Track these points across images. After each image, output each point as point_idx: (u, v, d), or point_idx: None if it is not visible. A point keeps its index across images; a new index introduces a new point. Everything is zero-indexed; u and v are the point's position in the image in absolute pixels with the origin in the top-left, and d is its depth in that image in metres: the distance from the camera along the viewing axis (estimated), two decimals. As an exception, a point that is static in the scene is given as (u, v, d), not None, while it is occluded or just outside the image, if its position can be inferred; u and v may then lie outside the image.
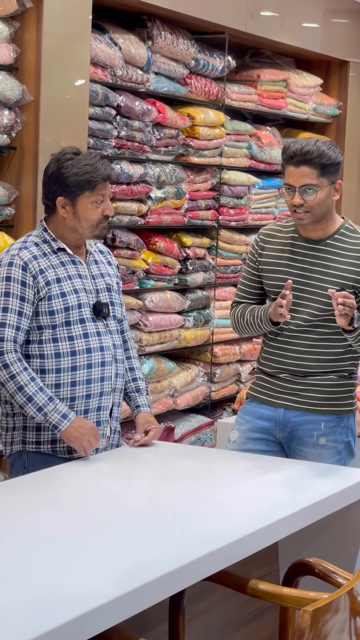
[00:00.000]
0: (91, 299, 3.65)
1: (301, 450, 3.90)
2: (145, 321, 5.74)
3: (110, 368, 3.64)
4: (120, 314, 3.77)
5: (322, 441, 3.88)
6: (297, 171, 3.76)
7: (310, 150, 3.74)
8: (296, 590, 2.83)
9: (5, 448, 3.67)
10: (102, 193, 3.60)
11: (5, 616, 2.25)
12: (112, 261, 3.84)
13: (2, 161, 4.86)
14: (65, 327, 3.58)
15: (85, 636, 2.29)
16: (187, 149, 6.07)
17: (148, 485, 3.37)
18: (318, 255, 3.87)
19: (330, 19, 7.40)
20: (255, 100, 6.75)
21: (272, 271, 3.93)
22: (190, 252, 6.16)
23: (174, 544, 2.76)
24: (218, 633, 3.29)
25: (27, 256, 3.56)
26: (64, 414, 3.49)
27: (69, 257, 3.65)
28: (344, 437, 3.92)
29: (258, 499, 3.22)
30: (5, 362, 3.47)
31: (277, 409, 3.92)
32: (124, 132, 5.44)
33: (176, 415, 6.24)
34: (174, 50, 5.80)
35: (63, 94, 4.92)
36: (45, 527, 2.86)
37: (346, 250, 3.86)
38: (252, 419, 3.97)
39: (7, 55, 4.65)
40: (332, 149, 3.80)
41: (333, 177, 3.81)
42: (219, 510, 3.09)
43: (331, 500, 3.29)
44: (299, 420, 3.89)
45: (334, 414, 3.89)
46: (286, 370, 3.91)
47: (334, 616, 2.39)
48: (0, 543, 2.72)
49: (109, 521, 2.94)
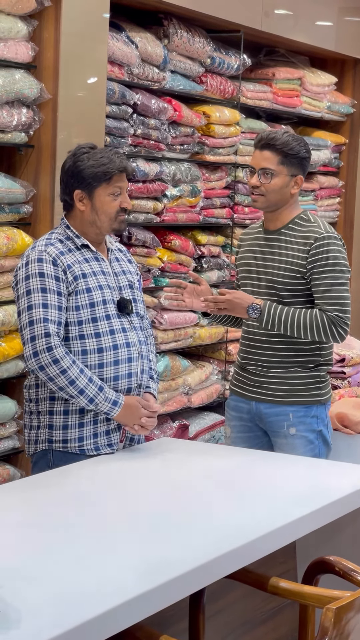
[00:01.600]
0: (115, 296, 3.66)
1: (275, 442, 4.06)
2: (160, 319, 5.75)
3: (137, 364, 3.65)
4: (142, 311, 3.79)
5: (292, 431, 4.01)
6: (260, 154, 3.98)
7: (275, 137, 3.97)
8: (317, 588, 2.84)
9: (28, 446, 3.66)
10: (119, 185, 3.61)
11: (33, 613, 2.27)
12: (132, 259, 3.87)
13: (20, 159, 4.87)
14: (92, 324, 3.58)
15: (110, 632, 2.31)
16: (203, 147, 6.07)
17: (168, 483, 3.37)
18: (271, 244, 4.05)
19: (344, 17, 7.40)
20: (270, 99, 6.75)
21: (241, 265, 4.16)
22: (205, 250, 6.17)
23: (196, 542, 2.77)
24: (237, 630, 3.30)
25: (54, 252, 3.57)
26: (114, 401, 3.54)
27: (92, 253, 3.66)
28: (315, 426, 4.01)
29: (278, 497, 3.23)
30: (55, 357, 3.47)
31: (251, 402, 4.09)
32: (140, 130, 5.45)
33: (190, 413, 6.24)
34: (190, 48, 5.81)
35: (80, 92, 4.93)
36: (68, 525, 2.88)
37: (295, 237, 4.01)
38: (236, 414, 4.18)
39: (25, 53, 4.66)
40: (299, 143, 3.99)
41: (294, 170, 3.97)
42: (238, 508, 3.10)
43: (350, 498, 3.30)
44: (270, 412, 4.05)
45: (301, 404, 3.98)
46: (254, 363, 4.06)
47: (357, 614, 2.40)
48: (24, 540, 2.74)
49: (130, 519, 2.95)
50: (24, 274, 3.55)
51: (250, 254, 4.11)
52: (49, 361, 3.46)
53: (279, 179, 3.95)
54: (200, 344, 6.22)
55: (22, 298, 3.54)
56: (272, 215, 4.06)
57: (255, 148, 4.00)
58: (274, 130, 4.04)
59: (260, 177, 3.95)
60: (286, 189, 3.97)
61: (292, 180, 3.97)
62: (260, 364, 4.04)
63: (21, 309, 3.54)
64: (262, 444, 4.10)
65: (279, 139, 3.94)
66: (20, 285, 3.55)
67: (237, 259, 4.19)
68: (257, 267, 4.05)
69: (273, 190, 3.96)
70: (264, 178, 3.94)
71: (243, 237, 4.22)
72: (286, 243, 4.00)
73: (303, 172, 4.01)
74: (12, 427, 4.65)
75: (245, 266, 4.12)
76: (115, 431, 3.61)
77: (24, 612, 2.26)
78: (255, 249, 4.10)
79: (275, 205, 4.00)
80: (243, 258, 4.15)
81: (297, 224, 4.02)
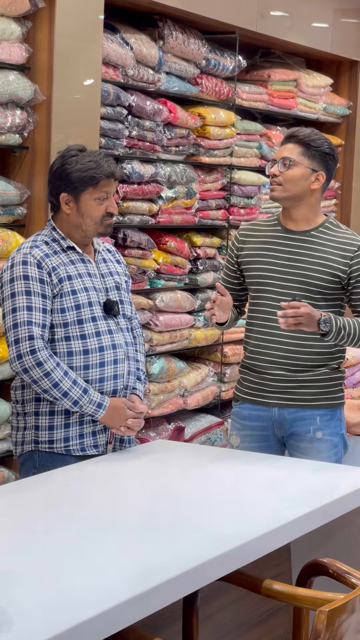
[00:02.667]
0: (101, 297, 3.66)
1: (298, 446, 3.94)
2: (155, 321, 5.74)
3: (123, 366, 3.65)
4: (130, 312, 3.77)
5: (319, 435, 3.92)
6: (284, 147, 3.94)
7: (299, 130, 3.94)
8: (311, 590, 2.83)
9: (15, 448, 3.67)
10: (105, 190, 3.60)
11: (22, 616, 2.25)
12: (121, 260, 3.85)
13: (14, 161, 4.86)
14: (78, 326, 3.58)
15: (102, 635, 2.30)
16: (198, 149, 6.07)
17: (161, 485, 3.36)
18: (303, 246, 3.93)
19: (340, 19, 7.39)
20: (265, 100, 6.75)
21: (254, 262, 3.98)
22: (201, 251, 6.16)
23: (188, 545, 2.76)
24: (231, 633, 3.29)
25: (39, 254, 3.57)
26: (99, 403, 3.54)
27: (78, 255, 3.66)
28: (339, 429, 3.98)
29: (271, 499, 3.22)
30: (39, 359, 3.48)
31: (272, 408, 3.95)
32: (135, 132, 5.44)
33: (186, 415, 6.24)
34: (185, 50, 5.80)
35: (75, 94, 4.93)
36: (58, 528, 2.87)
37: (332, 241, 3.93)
38: (249, 423, 4.01)
39: (19, 55, 4.65)
40: (323, 139, 3.94)
41: (316, 164, 3.90)
42: (232, 510, 3.09)
43: (345, 500, 3.29)
44: (295, 416, 3.94)
45: (328, 408, 3.93)
46: (277, 366, 3.92)
47: (350, 617, 2.39)
48: (14, 543, 2.73)
49: (122, 521, 2.94)
50: (8, 276, 3.56)
51: (267, 252, 3.95)
52: (32, 364, 3.47)
53: (298, 169, 3.87)
54: (196, 346, 6.21)
55: (6, 300, 3.55)
56: (293, 213, 3.94)
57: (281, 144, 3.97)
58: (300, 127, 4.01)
59: (279, 166, 3.88)
60: (305, 182, 3.88)
61: (312, 174, 3.88)
62: (284, 367, 3.91)
63: (5, 311, 3.55)
64: (275, 453, 3.95)
65: (302, 132, 3.91)
66: (5, 288, 3.56)
67: (242, 256, 4.02)
68: (282, 267, 3.91)
69: (291, 179, 3.87)
70: (283, 167, 3.87)
71: (247, 233, 4.05)
72: (321, 246, 3.90)
73: (326, 170, 3.91)
74: (7, 429, 4.64)
75: (263, 265, 3.95)
76: (102, 432, 3.62)
77: (15, 616, 2.25)
78: (274, 247, 3.95)
79: (293, 197, 3.90)
80: (253, 256, 3.98)
81: (328, 229, 3.94)
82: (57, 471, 3.42)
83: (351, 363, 5.17)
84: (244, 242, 4.04)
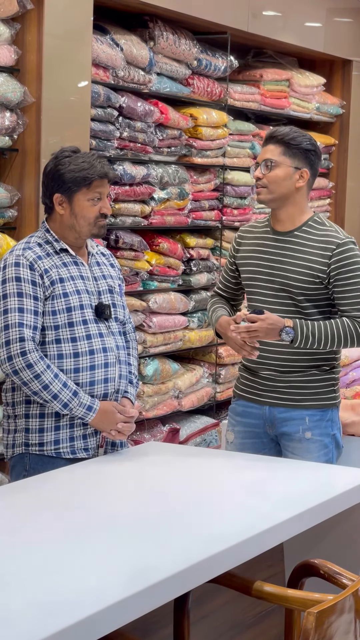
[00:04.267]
0: (93, 301, 3.65)
1: (288, 445, 3.95)
2: (149, 322, 5.73)
3: (114, 369, 3.63)
4: (123, 316, 3.76)
5: (308, 435, 3.92)
6: (265, 149, 3.92)
7: (277, 130, 3.91)
8: (301, 591, 2.81)
9: (6, 450, 3.66)
10: (98, 191, 3.59)
11: (9, 619, 2.24)
12: (115, 263, 3.84)
13: (4, 163, 4.85)
14: (68, 328, 3.57)
15: (89, 639, 2.28)
16: (190, 150, 6.06)
17: (152, 487, 3.35)
18: (285, 247, 3.93)
19: (333, 18, 7.38)
20: (258, 100, 6.73)
21: (246, 265, 4.01)
22: (194, 252, 6.15)
23: (178, 546, 2.74)
24: (223, 635, 3.27)
25: (31, 256, 3.56)
26: (89, 406, 3.53)
27: (71, 258, 3.65)
28: (329, 430, 3.96)
29: (263, 500, 3.21)
30: (29, 361, 3.47)
31: (263, 406, 3.98)
32: (127, 133, 5.43)
33: (181, 417, 6.22)
34: (176, 50, 5.79)
35: (65, 96, 4.91)
36: (47, 530, 2.85)
37: (312, 241, 3.90)
38: (242, 419, 4.04)
39: (8, 56, 4.64)
40: (302, 135, 3.92)
41: (298, 162, 3.89)
42: (223, 512, 3.08)
43: (336, 501, 3.27)
44: (284, 416, 3.94)
45: (317, 408, 3.93)
46: (268, 367, 3.95)
47: (339, 618, 2.38)
48: (2, 546, 2.71)
49: (112, 523, 2.92)
50: (0, 278, 3.56)
51: (257, 254, 3.97)
52: (22, 366, 3.47)
53: (281, 169, 3.86)
54: (190, 347, 6.20)
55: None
56: (279, 214, 3.94)
57: (262, 146, 3.96)
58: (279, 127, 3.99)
59: (262, 169, 3.87)
60: (289, 181, 3.87)
61: (296, 172, 3.87)
62: (274, 368, 3.92)
63: None
64: (268, 450, 3.98)
65: (281, 131, 3.90)
66: None
67: (238, 257, 4.03)
68: (267, 268, 3.92)
69: (274, 180, 3.86)
70: (266, 169, 3.86)
71: (243, 234, 4.06)
72: (302, 246, 3.89)
73: (309, 167, 3.90)
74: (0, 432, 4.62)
75: (251, 267, 3.97)
76: (92, 436, 3.60)
77: (2, 619, 2.23)
78: (262, 249, 3.96)
79: (280, 198, 3.89)
80: (246, 258, 4.00)
81: (312, 227, 3.92)
82: (47, 474, 3.41)
83: (344, 363, 5.15)
84: (240, 244, 4.05)
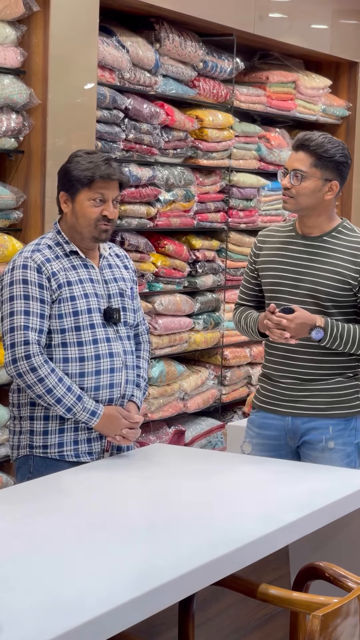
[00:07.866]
0: (102, 304, 3.62)
1: (310, 455, 3.88)
2: (154, 324, 5.72)
3: (120, 374, 3.61)
4: (133, 320, 3.72)
5: (331, 445, 3.85)
6: (294, 155, 3.83)
7: (310, 138, 3.80)
8: (306, 594, 2.81)
9: (12, 452, 3.66)
10: (100, 192, 3.56)
11: (15, 621, 2.23)
12: (130, 265, 3.79)
13: (10, 165, 4.85)
14: (75, 332, 3.55)
15: (94, 642, 2.28)
16: (196, 152, 6.05)
17: (157, 490, 3.34)
18: (314, 252, 3.86)
19: (339, 20, 7.38)
20: (264, 102, 6.73)
21: (268, 269, 3.92)
22: (200, 254, 6.14)
23: (184, 549, 2.74)
24: (228, 638, 3.26)
25: (40, 259, 3.54)
26: (93, 411, 3.52)
27: (81, 260, 3.62)
28: (353, 439, 3.90)
29: (268, 503, 3.20)
30: (33, 365, 3.46)
31: (285, 417, 3.90)
32: (132, 135, 5.43)
33: (187, 419, 6.22)
34: (182, 52, 5.79)
35: (71, 97, 4.91)
36: (52, 533, 2.85)
37: (343, 247, 3.84)
38: (261, 431, 3.95)
39: (14, 58, 4.64)
40: (335, 146, 3.81)
41: (329, 174, 3.80)
42: (228, 514, 3.07)
43: (342, 503, 3.27)
44: (308, 426, 3.87)
45: (341, 417, 3.87)
46: (290, 377, 3.88)
47: (344, 621, 2.37)
48: (8, 548, 2.71)
49: (117, 526, 2.92)
50: (8, 279, 3.55)
51: (281, 258, 3.89)
52: (26, 369, 3.46)
53: (311, 182, 3.77)
54: (195, 349, 6.19)
55: (5, 304, 3.53)
56: (306, 221, 3.87)
57: (292, 149, 3.87)
58: (311, 132, 3.88)
59: (291, 179, 3.78)
60: (319, 193, 3.79)
61: (326, 185, 3.78)
62: (296, 377, 3.86)
63: (3, 314, 3.53)
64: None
65: (314, 140, 3.78)
66: (4, 291, 3.55)
67: (259, 262, 3.94)
68: (292, 273, 3.84)
69: (304, 193, 3.78)
70: (295, 180, 3.77)
71: (264, 238, 3.98)
72: (331, 252, 3.83)
73: (340, 178, 3.82)
74: (5, 434, 4.62)
75: (276, 271, 3.89)
76: (97, 440, 3.59)
77: (8, 621, 2.23)
78: (287, 253, 3.88)
79: (307, 209, 3.82)
80: (270, 262, 3.91)
81: (342, 233, 3.86)
82: (53, 475, 3.41)
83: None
84: (260, 248, 3.98)
